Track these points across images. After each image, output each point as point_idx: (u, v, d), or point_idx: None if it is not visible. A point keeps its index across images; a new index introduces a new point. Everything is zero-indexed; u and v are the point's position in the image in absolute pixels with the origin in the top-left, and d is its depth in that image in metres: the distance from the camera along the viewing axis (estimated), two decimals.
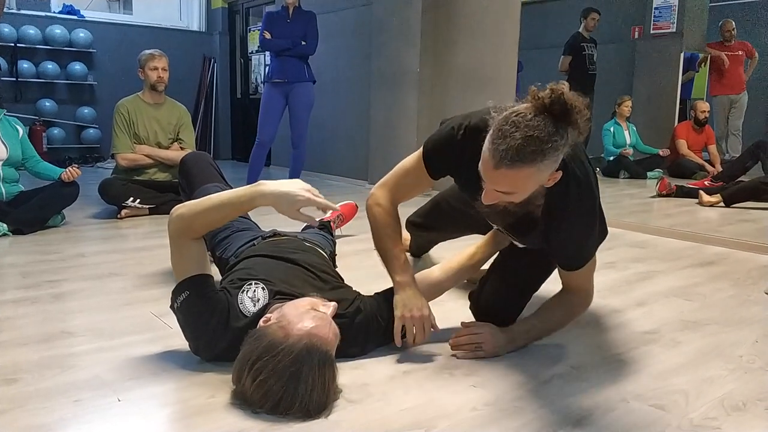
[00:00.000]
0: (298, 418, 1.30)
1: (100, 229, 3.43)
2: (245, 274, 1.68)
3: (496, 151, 1.34)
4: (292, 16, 4.49)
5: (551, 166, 1.38)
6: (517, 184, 1.39)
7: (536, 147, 1.31)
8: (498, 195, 1.44)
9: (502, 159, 1.33)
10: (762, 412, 1.43)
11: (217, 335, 1.51)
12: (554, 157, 1.36)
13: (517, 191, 1.42)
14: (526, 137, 1.31)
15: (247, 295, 1.58)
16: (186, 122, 4.02)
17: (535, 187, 1.44)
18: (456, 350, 1.71)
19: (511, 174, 1.35)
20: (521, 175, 1.35)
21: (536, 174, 1.36)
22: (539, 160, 1.33)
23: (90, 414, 1.34)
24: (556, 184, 1.47)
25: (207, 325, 1.52)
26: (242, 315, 1.54)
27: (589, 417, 1.38)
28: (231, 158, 7.89)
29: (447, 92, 4.95)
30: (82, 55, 6.81)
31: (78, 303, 2.13)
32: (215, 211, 1.55)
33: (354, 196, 4.17)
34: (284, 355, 1.28)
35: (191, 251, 1.54)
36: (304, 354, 1.29)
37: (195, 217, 1.53)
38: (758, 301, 2.33)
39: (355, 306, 1.69)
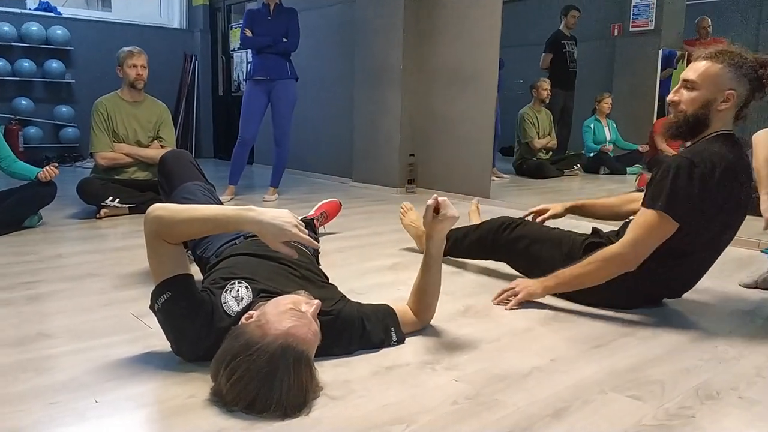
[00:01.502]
0: (276, 417, 1.30)
1: (79, 229, 3.39)
2: (228, 273, 1.68)
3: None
4: (273, 13, 4.47)
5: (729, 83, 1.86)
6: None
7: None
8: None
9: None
10: (735, 401, 1.46)
11: (201, 336, 1.50)
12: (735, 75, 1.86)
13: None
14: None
15: (231, 294, 1.57)
16: (166, 120, 3.98)
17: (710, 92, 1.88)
18: (500, 304, 2.11)
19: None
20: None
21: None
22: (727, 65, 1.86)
23: (66, 416, 1.33)
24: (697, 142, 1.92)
25: (191, 327, 1.50)
26: (226, 315, 1.53)
27: (567, 408, 1.40)
28: (213, 157, 7.84)
29: (430, 89, 4.96)
30: (59, 53, 6.72)
31: (55, 304, 2.11)
32: (197, 224, 1.52)
33: (338, 194, 4.17)
34: (259, 355, 1.27)
35: (168, 251, 1.51)
36: (279, 354, 1.28)
37: (174, 225, 1.49)
38: (733, 292, 2.37)
39: (340, 305, 1.69)
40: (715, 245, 2.01)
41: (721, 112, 1.90)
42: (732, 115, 1.94)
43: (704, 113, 1.91)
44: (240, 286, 1.59)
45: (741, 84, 1.88)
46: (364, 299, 1.84)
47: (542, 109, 6.29)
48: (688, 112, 1.92)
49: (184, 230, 1.52)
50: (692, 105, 1.92)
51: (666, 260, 1.96)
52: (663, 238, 1.88)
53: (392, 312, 1.77)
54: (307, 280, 1.77)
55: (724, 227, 1.96)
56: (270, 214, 1.50)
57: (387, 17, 4.98)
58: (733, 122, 1.95)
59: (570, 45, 6.41)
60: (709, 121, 1.92)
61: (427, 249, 1.78)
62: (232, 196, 4.52)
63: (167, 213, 1.50)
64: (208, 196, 2.26)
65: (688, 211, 1.85)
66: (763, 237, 3.04)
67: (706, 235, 1.93)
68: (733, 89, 1.87)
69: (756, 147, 2.26)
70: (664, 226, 1.87)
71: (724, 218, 1.92)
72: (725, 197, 1.87)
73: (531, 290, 2.10)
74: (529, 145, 6.17)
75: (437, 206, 1.71)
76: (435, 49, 4.88)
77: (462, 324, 1.96)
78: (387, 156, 5.14)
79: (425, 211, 1.72)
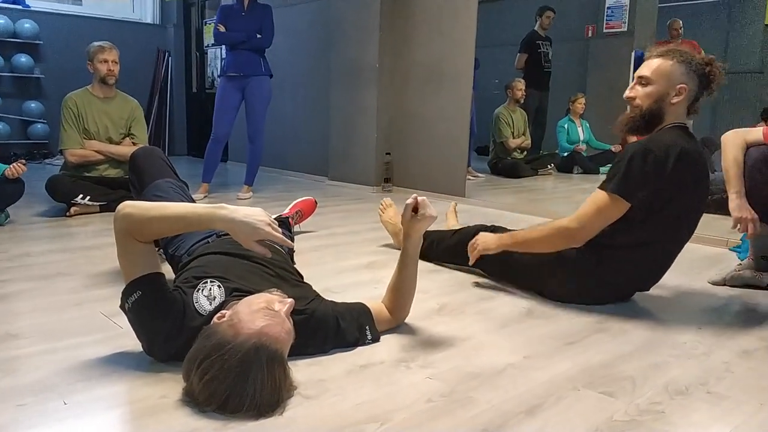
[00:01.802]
0: (249, 417, 1.29)
1: (48, 227, 3.32)
2: (200, 272, 1.65)
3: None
4: (248, 9, 4.43)
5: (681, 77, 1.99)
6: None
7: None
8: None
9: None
10: (704, 396, 1.48)
11: (172, 336, 1.48)
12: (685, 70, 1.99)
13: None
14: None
15: (203, 293, 1.55)
16: (138, 117, 3.92)
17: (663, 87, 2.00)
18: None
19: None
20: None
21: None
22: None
23: (34, 418, 1.30)
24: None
25: (161, 326, 1.48)
26: (198, 314, 1.51)
27: (541, 405, 1.41)
28: (186, 154, 7.76)
29: (406, 88, 4.96)
30: (27, 47, 6.58)
31: (23, 304, 2.06)
32: (168, 222, 1.50)
33: (314, 192, 4.15)
34: (231, 355, 1.26)
35: (138, 249, 1.49)
36: (252, 354, 1.27)
37: (145, 223, 1.47)
38: (702, 290, 2.42)
39: (314, 304, 1.68)
40: (676, 236, 2.07)
41: (674, 105, 2.02)
42: (684, 109, 2.07)
43: (659, 107, 2.03)
44: (212, 285, 1.57)
45: (691, 79, 2.02)
46: (340, 298, 1.83)
47: (517, 108, 6.34)
48: (644, 107, 2.04)
49: (155, 228, 1.50)
50: (647, 99, 2.04)
51: (630, 251, 2.03)
52: (611, 217, 1.99)
53: (367, 310, 1.77)
54: (282, 278, 1.75)
55: (684, 215, 2.03)
56: (242, 212, 1.48)
57: (363, 16, 4.98)
58: (686, 116, 2.07)
59: (545, 45, 6.47)
60: (663, 114, 2.04)
61: (405, 247, 1.79)
62: (206, 194, 4.47)
63: (137, 211, 1.48)
64: (180, 193, 2.23)
65: (641, 192, 1.93)
66: (732, 236, 3.10)
67: (666, 222, 2.00)
68: (684, 83, 2.00)
69: (725, 147, 2.30)
70: (614, 206, 1.97)
71: (682, 204, 1.99)
72: (681, 181, 1.95)
73: (487, 244, 2.24)
74: (504, 145, 6.21)
75: (416, 205, 1.72)
76: (411, 48, 4.89)
77: (437, 322, 1.97)
78: (363, 154, 5.13)
79: (404, 210, 1.72)
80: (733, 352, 1.77)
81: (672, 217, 2.00)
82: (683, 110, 2.06)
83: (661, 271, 2.16)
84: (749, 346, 1.82)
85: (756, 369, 1.66)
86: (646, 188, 1.93)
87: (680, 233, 2.08)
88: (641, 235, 2.01)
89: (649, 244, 2.03)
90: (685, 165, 1.94)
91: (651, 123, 2.05)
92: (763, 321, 2.06)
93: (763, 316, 2.11)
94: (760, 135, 2.27)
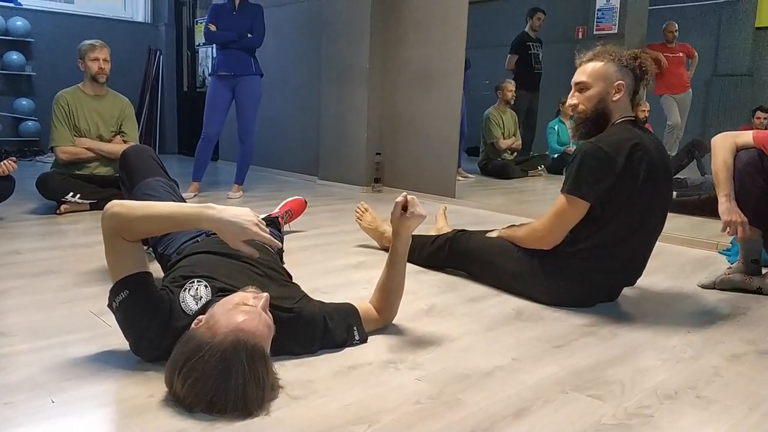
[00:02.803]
0: (237, 416, 1.28)
1: (38, 225, 3.30)
2: (188, 271, 1.65)
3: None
4: (239, 8, 4.42)
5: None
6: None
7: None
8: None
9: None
10: (693, 400, 1.49)
11: (160, 335, 1.47)
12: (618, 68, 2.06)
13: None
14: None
15: (189, 293, 1.54)
16: (129, 115, 3.91)
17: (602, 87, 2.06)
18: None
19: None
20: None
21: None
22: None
23: (21, 417, 1.29)
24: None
25: (149, 326, 1.48)
26: (184, 314, 1.50)
27: (529, 408, 1.41)
28: (177, 152, 7.72)
29: (396, 88, 4.97)
30: (19, 44, 6.53)
31: (12, 302, 2.05)
32: (155, 221, 1.51)
33: (304, 192, 4.15)
34: (211, 354, 1.26)
35: (126, 248, 1.49)
36: (230, 350, 1.27)
37: (132, 221, 1.47)
38: (691, 293, 2.43)
39: (302, 304, 1.67)
40: (646, 228, 2.09)
41: (616, 102, 2.08)
42: (628, 103, 2.12)
43: (602, 107, 2.09)
44: (199, 285, 1.57)
45: (626, 74, 2.09)
46: (329, 298, 1.83)
47: (507, 110, 6.35)
48: (589, 110, 2.11)
49: (143, 227, 1.51)
50: (590, 102, 2.10)
51: (604, 249, 2.06)
52: (575, 218, 2.04)
53: (355, 311, 1.77)
54: (269, 278, 1.75)
55: (650, 206, 2.05)
56: (230, 212, 1.48)
57: (354, 16, 4.97)
58: (631, 109, 2.14)
59: (535, 47, 6.48)
60: (609, 111, 2.10)
61: (394, 246, 1.79)
62: (196, 192, 4.46)
63: (125, 210, 1.48)
64: (170, 192, 2.23)
65: (595, 189, 1.97)
66: (721, 239, 3.12)
67: (633, 216, 2.02)
68: (621, 80, 2.07)
69: (715, 150, 2.32)
70: (573, 207, 2.03)
71: (644, 196, 2.01)
72: (637, 175, 1.98)
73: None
74: (494, 146, 6.22)
75: (405, 204, 1.72)
76: (402, 48, 4.89)
77: (425, 323, 1.97)
78: (353, 154, 5.13)
79: (393, 208, 1.72)
80: (722, 356, 1.78)
81: (638, 210, 2.03)
82: (627, 104, 2.12)
83: (641, 263, 2.18)
84: (738, 351, 1.83)
85: (745, 373, 1.67)
86: (600, 185, 1.97)
87: (650, 225, 2.10)
88: (612, 232, 2.03)
89: (622, 239, 2.05)
90: (638, 158, 1.98)
91: (600, 123, 2.10)
92: (752, 325, 2.07)
93: (753, 320, 2.12)
94: (750, 138, 2.29)
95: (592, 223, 2.03)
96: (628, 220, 2.02)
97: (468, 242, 2.42)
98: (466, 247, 2.42)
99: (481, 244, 2.38)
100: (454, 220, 2.97)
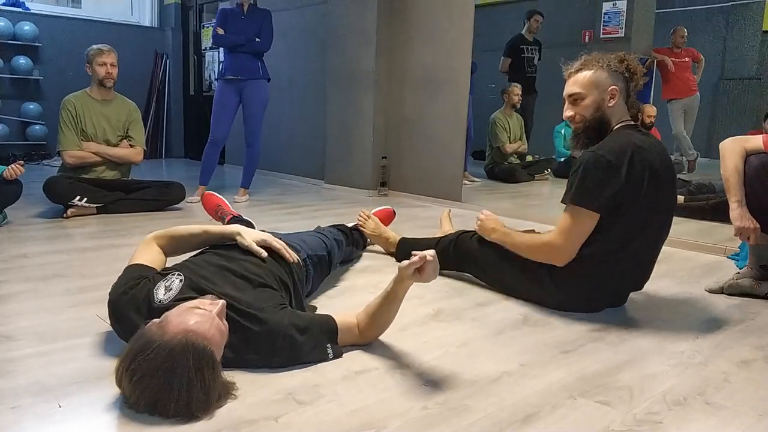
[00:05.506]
0: (180, 419, 1.28)
1: (45, 228, 3.32)
2: (178, 266, 1.72)
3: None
4: (247, 12, 4.44)
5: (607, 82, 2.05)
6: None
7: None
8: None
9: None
10: (702, 406, 1.48)
11: (138, 322, 1.50)
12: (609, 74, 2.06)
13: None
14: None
15: (164, 283, 1.60)
16: (135, 119, 3.93)
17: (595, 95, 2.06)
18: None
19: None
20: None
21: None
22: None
23: (29, 421, 1.30)
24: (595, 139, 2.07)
25: (134, 313, 1.56)
26: (156, 301, 1.55)
27: (537, 414, 1.41)
28: (183, 156, 7.74)
29: (402, 93, 4.97)
30: (27, 49, 6.58)
31: (19, 305, 2.06)
32: (195, 237, 1.89)
33: (310, 196, 4.16)
34: (158, 353, 1.26)
35: (151, 249, 1.78)
36: (178, 350, 1.26)
37: (174, 236, 1.87)
38: (700, 298, 2.41)
39: (270, 312, 1.59)
40: (650, 232, 2.06)
41: (612, 107, 2.08)
42: (623, 107, 2.12)
43: (600, 114, 2.09)
44: (175, 278, 1.62)
45: (617, 79, 2.09)
46: (334, 302, 1.83)
47: (513, 113, 6.34)
48: (587, 118, 2.10)
49: (184, 244, 1.90)
50: (587, 111, 2.10)
51: (609, 254, 2.03)
52: (586, 229, 2.02)
53: (333, 326, 1.67)
54: (246, 280, 1.71)
55: (654, 210, 2.03)
56: (258, 233, 1.89)
57: (360, 20, 4.98)
58: (627, 113, 2.13)
59: (530, 50, 6.45)
60: (607, 118, 2.09)
61: (394, 288, 1.65)
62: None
63: (167, 229, 1.88)
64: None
65: (601, 197, 1.96)
66: (730, 243, 3.10)
67: (638, 220, 2.01)
68: (613, 85, 2.08)
69: (724, 155, 2.30)
70: (582, 219, 2.01)
71: (648, 199, 1.99)
72: (641, 179, 1.96)
73: (486, 228, 2.30)
74: (501, 150, 6.21)
75: (423, 266, 1.57)
76: (408, 52, 4.90)
77: (432, 327, 1.97)
78: (359, 158, 5.13)
79: (407, 266, 1.56)
80: (732, 362, 1.77)
81: (642, 214, 2.01)
82: (623, 109, 2.11)
83: (647, 267, 2.17)
84: (748, 356, 1.81)
85: (754, 379, 1.65)
86: (605, 194, 1.95)
87: (654, 228, 2.08)
88: (616, 236, 2.01)
89: (627, 243, 2.03)
90: (639, 163, 1.97)
91: (600, 130, 2.10)
92: (761, 330, 2.05)
93: (762, 325, 2.11)
94: (759, 143, 2.26)
95: (596, 229, 2.02)
96: (633, 225, 2.01)
97: (472, 243, 2.40)
98: (470, 248, 2.40)
99: (487, 246, 2.35)
100: (461, 225, 2.95)
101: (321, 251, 2.24)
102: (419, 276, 1.58)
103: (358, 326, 1.72)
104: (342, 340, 1.69)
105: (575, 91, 2.10)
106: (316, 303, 2.12)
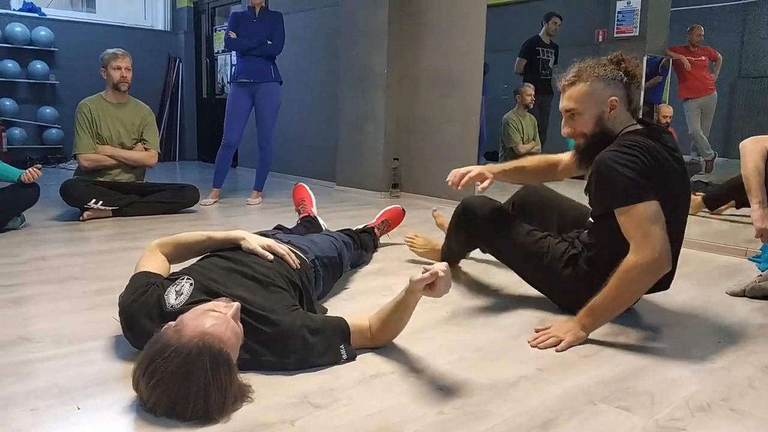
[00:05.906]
0: (198, 422, 1.28)
1: (62, 231, 3.34)
2: (188, 269, 1.73)
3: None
4: (259, 15, 4.45)
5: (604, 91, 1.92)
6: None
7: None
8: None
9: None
10: (726, 413, 1.45)
11: (152, 330, 1.47)
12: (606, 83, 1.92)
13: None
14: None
15: (175, 288, 1.60)
16: (150, 122, 3.95)
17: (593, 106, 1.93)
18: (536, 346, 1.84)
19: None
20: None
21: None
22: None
23: (48, 423, 1.30)
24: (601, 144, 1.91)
25: (145, 319, 1.56)
26: (168, 306, 1.55)
27: (555, 419, 1.39)
28: (197, 159, 7.78)
29: (414, 94, 4.95)
30: (43, 54, 6.64)
31: (37, 308, 2.07)
32: (200, 244, 1.89)
33: (321, 198, 4.14)
34: (175, 356, 1.26)
35: (156, 257, 1.72)
36: (195, 353, 1.27)
37: (179, 243, 1.87)
38: (720, 301, 2.37)
39: (282, 314, 1.60)
40: (670, 229, 1.89)
41: (614, 117, 1.96)
42: (626, 113, 1.99)
43: (601, 127, 1.96)
44: (185, 282, 1.62)
45: (615, 87, 1.95)
46: (347, 304, 1.82)
47: (526, 114, 6.30)
48: (588, 133, 1.98)
49: (187, 250, 1.91)
50: (587, 126, 1.97)
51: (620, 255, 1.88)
52: (661, 218, 1.80)
53: (345, 327, 1.67)
54: (256, 281, 1.70)
55: (671, 205, 1.88)
56: (261, 239, 1.89)
57: (372, 22, 4.98)
58: (631, 117, 2.00)
59: (546, 52, 6.41)
60: (609, 129, 1.96)
61: (406, 298, 1.65)
62: (216, 198, 4.47)
63: (170, 237, 1.90)
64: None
65: (642, 183, 1.80)
66: (751, 245, 3.05)
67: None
68: (611, 95, 1.94)
69: (744, 155, 2.27)
70: (650, 210, 1.80)
71: (669, 194, 1.88)
72: (655, 171, 1.83)
73: (575, 336, 1.85)
74: (514, 150, 6.18)
75: (434, 281, 1.56)
76: (419, 53, 4.88)
77: (447, 331, 1.95)
78: (371, 160, 5.12)
79: (419, 281, 1.55)
80: (756, 367, 1.73)
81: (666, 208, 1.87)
82: (626, 115, 1.98)
83: (674, 264, 2.02)
84: None
85: None
86: (640, 179, 1.80)
87: (672, 224, 1.90)
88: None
89: None
90: (654, 154, 1.84)
91: (604, 141, 1.94)
92: None
93: None
94: None
95: (614, 228, 1.89)
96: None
97: (482, 207, 2.33)
98: (478, 213, 2.32)
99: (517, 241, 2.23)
100: None
101: (331, 252, 2.24)
102: (430, 291, 1.57)
103: (370, 329, 1.72)
104: (354, 342, 1.69)
105: (571, 107, 1.96)
106: (327, 305, 2.11)
